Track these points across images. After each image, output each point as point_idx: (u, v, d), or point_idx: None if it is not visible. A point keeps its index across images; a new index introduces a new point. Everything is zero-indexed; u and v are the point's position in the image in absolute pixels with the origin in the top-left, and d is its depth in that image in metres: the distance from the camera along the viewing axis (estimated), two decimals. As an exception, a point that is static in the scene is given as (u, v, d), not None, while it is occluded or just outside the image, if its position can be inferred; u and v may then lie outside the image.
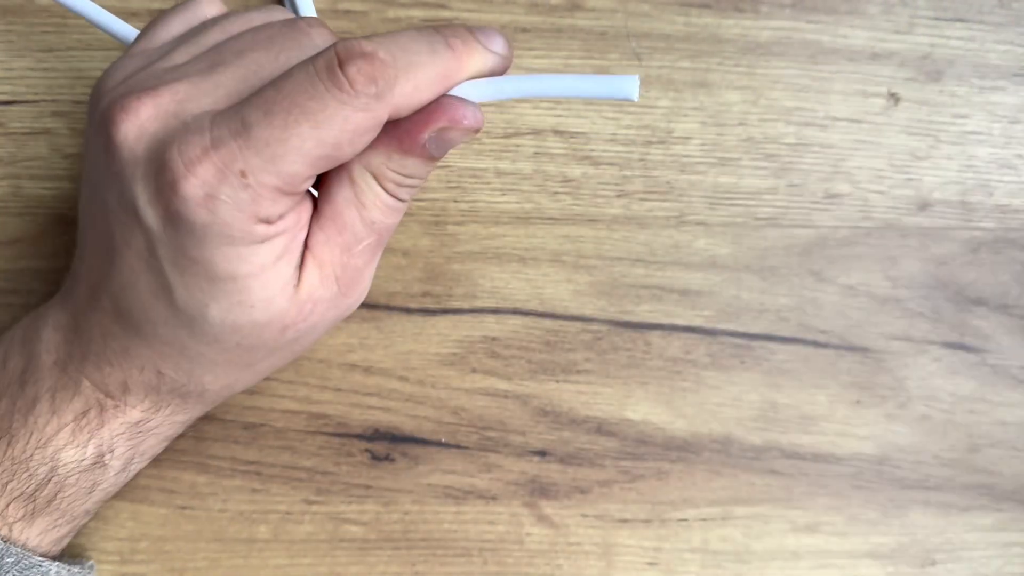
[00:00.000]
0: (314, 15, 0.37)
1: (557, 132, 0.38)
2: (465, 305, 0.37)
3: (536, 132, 0.38)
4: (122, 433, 0.31)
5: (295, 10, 0.37)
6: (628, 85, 0.27)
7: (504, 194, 0.38)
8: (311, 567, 0.36)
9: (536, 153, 0.38)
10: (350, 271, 0.30)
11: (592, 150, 0.38)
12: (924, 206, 0.38)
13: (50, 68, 0.38)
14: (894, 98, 0.38)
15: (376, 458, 0.37)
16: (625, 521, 0.37)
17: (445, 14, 0.38)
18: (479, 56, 0.28)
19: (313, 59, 0.26)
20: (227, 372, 0.31)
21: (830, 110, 0.38)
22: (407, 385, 0.37)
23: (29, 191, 0.37)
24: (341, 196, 0.29)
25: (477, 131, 0.29)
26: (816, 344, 0.38)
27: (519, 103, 0.38)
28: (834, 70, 0.38)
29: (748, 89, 0.38)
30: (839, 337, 0.38)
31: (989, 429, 0.37)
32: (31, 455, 0.30)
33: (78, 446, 0.31)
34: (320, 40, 0.29)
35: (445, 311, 0.37)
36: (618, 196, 0.38)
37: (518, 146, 0.38)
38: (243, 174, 0.26)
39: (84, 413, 0.31)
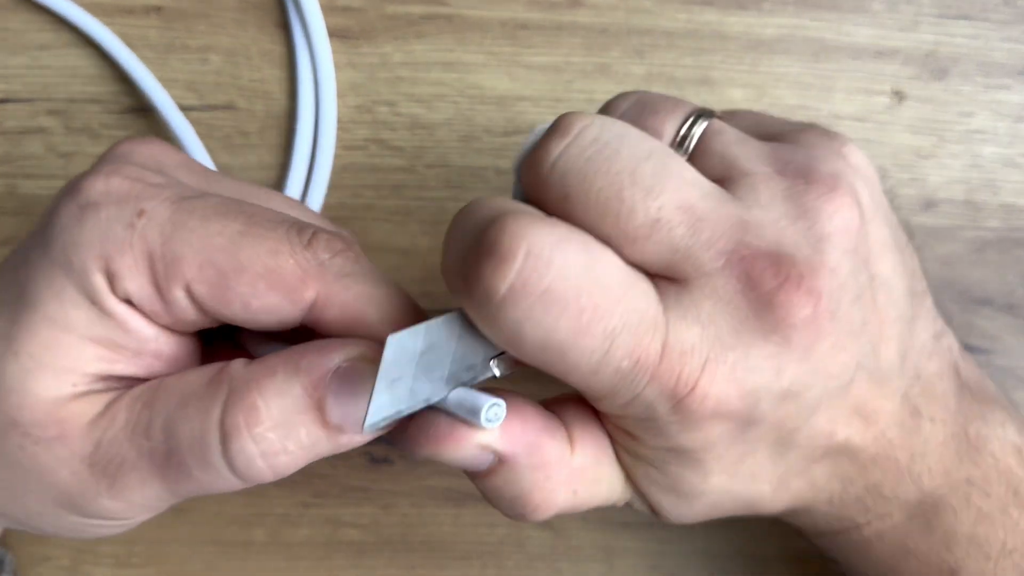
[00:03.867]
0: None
1: (558, 130, 0.38)
2: (465, 305, 0.37)
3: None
4: None
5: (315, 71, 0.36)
6: (487, 411, 0.22)
7: (504, 194, 0.37)
8: (309, 570, 0.36)
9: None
10: (115, 451, 0.23)
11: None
12: (929, 205, 0.38)
13: (45, 66, 0.37)
14: (898, 96, 0.38)
15: (374, 460, 0.37)
16: (627, 524, 0.37)
17: (444, 10, 0.38)
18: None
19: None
20: None
21: (834, 108, 0.38)
22: (406, 386, 0.37)
23: (24, 190, 0.37)
24: (185, 379, 0.24)
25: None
26: (820, 345, 0.37)
27: (519, 100, 0.38)
28: (838, 68, 0.38)
29: (751, 87, 0.38)
30: (843, 338, 0.37)
31: (995, 431, 0.37)
32: None
33: None
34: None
35: (444, 311, 0.37)
36: (619, 195, 0.38)
37: (518, 144, 0.38)
38: (141, 213, 0.23)
39: None
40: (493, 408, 0.22)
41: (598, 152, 0.22)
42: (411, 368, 0.22)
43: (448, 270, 0.23)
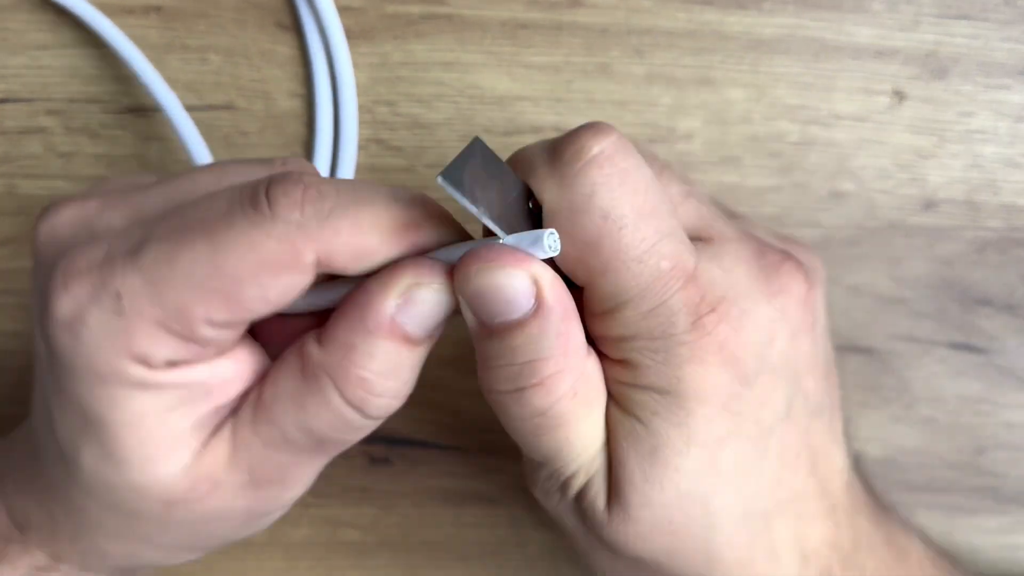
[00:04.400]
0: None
1: (559, 130, 0.38)
2: (465, 305, 0.37)
3: (537, 130, 0.38)
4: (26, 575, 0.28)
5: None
6: (548, 238, 0.23)
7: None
8: (308, 570, 0.36)
9: (536, 151, 0.38)
10: (270, 465, 0.25)
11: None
12: (929, 205, 0.38)
13: (45, 66, 0.37)
14: (899, 96, 0.38)
15: (374, 461, 0.37)
16: (627, 524, 0.37)
17: (443, 10, 0.37)
18: (449, 222, 0.24)
19: (242, 185, 0.23)
20: (120, 537, 0.26)
21: (834, 108, 0.38)
22: (406, 386, 0.37)
23: (23, 190, 0.37)
24: (282, 385, 0.24)
25: (456, 301, 0.24)
26: (820, 345, 0.37)
27: (519, 100, 0.37)
28: (838, 68, 0.38)
29: (751, 87, 0.38)
30: (844, 338, 0.37)
31: (995, 431, 0.37)
32: None
33: None
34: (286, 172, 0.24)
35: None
36: (619, 195, 0.38)
37: (518, 144, 0.37)
38: (118, 295, 0.22)
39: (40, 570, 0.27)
40: (552, 236, 0.23)
41: (631, 152, 0.25)
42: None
43: (524, 157, 0.25)
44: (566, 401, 0.24)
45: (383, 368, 0.23)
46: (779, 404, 0.26)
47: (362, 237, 0.23)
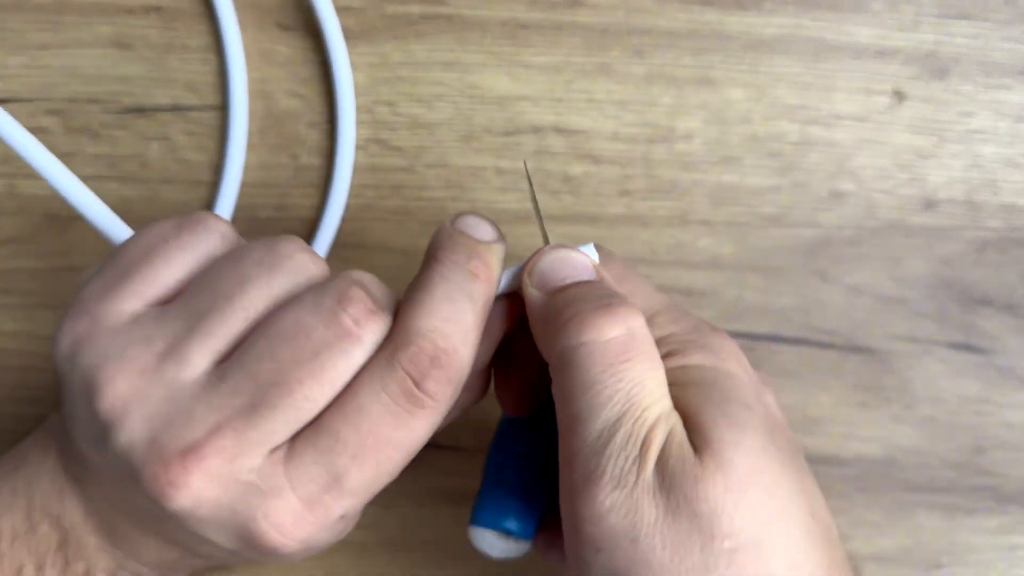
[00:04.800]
0: None
1: (558, 130, 0.38)
2: (465, 305, 0.37)
3: (537, 130, 0.38)
4: None
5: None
6: (588, 252, 0.29)
7: (504, 193, 0.37)
8: (308, 570, 0.36)
9: (537, 151, 0.38)
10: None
11: (593, 148, 0.38)
12: (929, 205, 0.38)
13: (45, 66, 0.37)
14: (899, 96, 0.38)
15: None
16: (627, 524, 0.37)
17: (443, 10, 0.37)
18: (495, 260, 0.28)
19: (383, 385, 0.25)
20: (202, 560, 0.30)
21: (834, 108, 0.38)
22: (406, 386, 0.37)
23: (24, 190, 0.37)
24: None
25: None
26: (820, 345, 0.37)
27: (519, 100, 0.37)
28: (838, 68, 0.38)
29: (751, 87, 0.38)
30: (844, 338, 0.37)
31: (995, 431, 0.37)
32: None
33: None
34: (370, 338, 0.26)
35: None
36: (620, 195, 0.38)
37: (518, 144, 0.38)
38: (343, 518, 0.27)
39: None
40: (591, 247, 0.29)
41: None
42: None
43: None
44: (639, 333, 0.26)
45: (482, 385, 0.30)
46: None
47: (476, 346, 0.27)
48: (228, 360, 0.26)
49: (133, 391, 0.25)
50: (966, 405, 0.37)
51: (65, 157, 0.37)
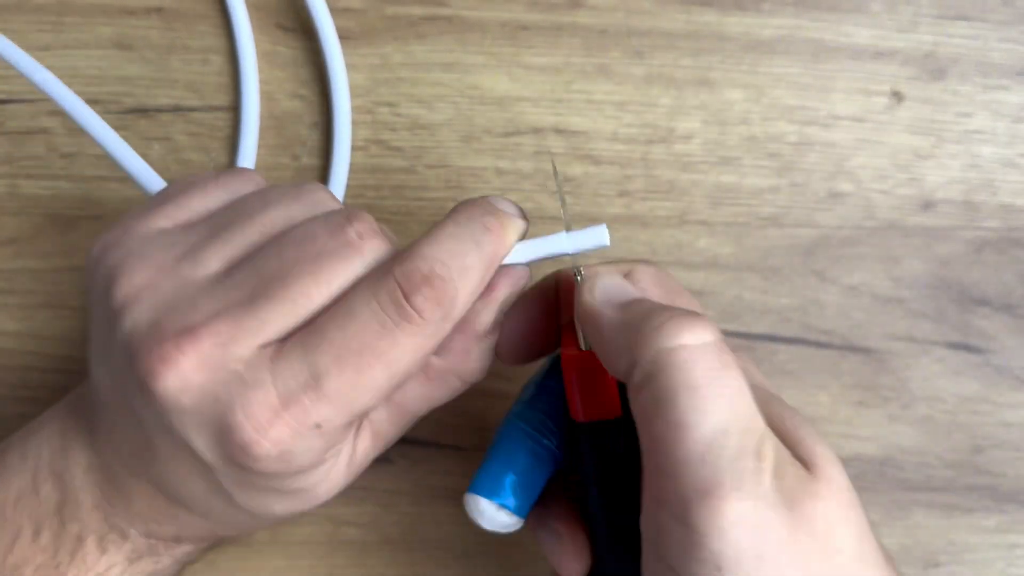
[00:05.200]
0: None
1: (558, 131, 0.38)
2: (465, 305, 0.37)
3: (536, 130, 0.38)
4: (171, 563, 0.32)
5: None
6: (600, 233, 0.29)
7: (504, 193, 0.38)
8: (309, 569, 0.36)
9: (536, 152, 0.38)
10: (393, 437, 0.30)
11: (593, 149, 0.38)
12: (927, 205, 0.38)
13: (47, 66, 0.37)
14: (897, 97, 0.38)
15: (375, 459, 0.37)
16: (626, 523, 0.37)
17: (444, 11, 0.38)
18: (512, 227, 0.28)
19: (375, 292, 0.26)
20: (213, 524, 0.31)
21: (833, 109, 0.38)
22: (406, 386, 0.37)
23: (26, 190, 0.37)
24: (412, 389, 0.29)
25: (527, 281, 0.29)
26: (818, 344, 0.37)
27: (519, 100, 0.38)
28: (837, 68, 0.38)
29: (750, 87, 0.38)
30: (841, 337, 0.37)
31: (992, 430, 0.37)
32: None
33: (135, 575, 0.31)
34: (371, 254, 0.27)
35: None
36: (619, 195, 0.38)
37: (518, 144, 0.38)
38: (318, 427, 0.26)
39: (137, 555, 0.30)
40: (603, 229, 0.29)
41: None
42: None
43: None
44: (725, 342, 0.25)
45: (483, 357, 0.29)
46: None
47: (476, 291, 0.28)
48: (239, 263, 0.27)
49: (147, 282, 0.27)
50: (964, 405, 0.37)
51: (67, 158, 0.37)
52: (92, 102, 0.37)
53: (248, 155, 0.37)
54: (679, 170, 0.38)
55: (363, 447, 0.29)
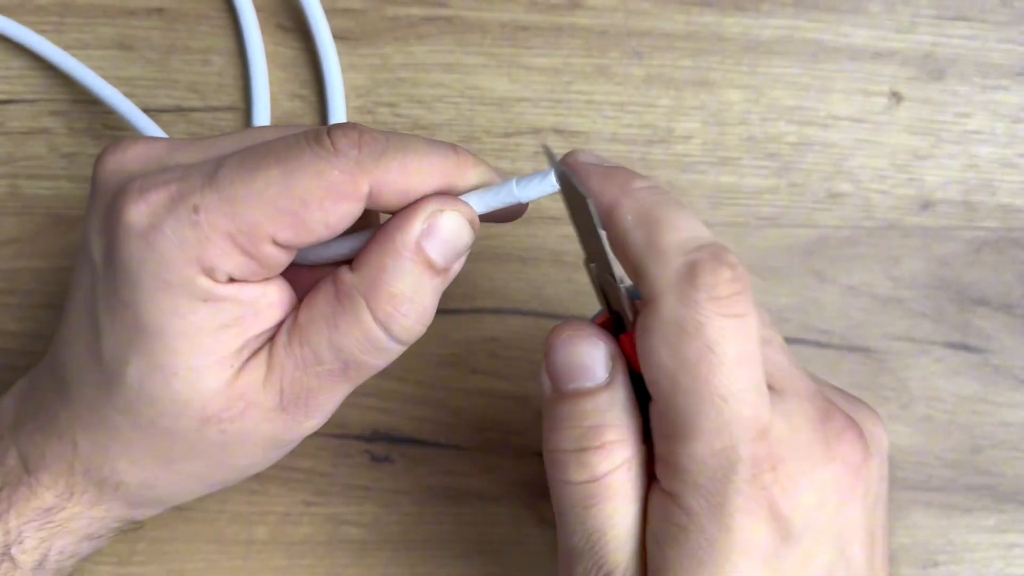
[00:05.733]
0: None
1: (558, 131, 0.38)
2: (465, 305, 0.37)
3: (536, 131, 0.38)
4: (31, 521, 0.29)
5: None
6: (548, 180, 0.26)
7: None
8: (310, 568, 0.36)
9: (536, 152, 0.38)
10: (299, 388, 0.27)
11: (592, 149, 0.38)
12: (926, 206, 0.38)
13: (48, 67, 0.38)
14: (896, 97, 0.38)
15: (375, 459, 0.37)
16: (626, 522, 0.37)
17: (444, 12, 0.38)
18: (483, 168, 0.27)
19: (307, 132, 0.26)
20: (143, 462, 0.28)
21: (832, 109, 0.38)
22: (406, 386, 0.37)
23: (26, 190, 0.37)
24: (317, 308, 0.27)
25: (475, 227, 0.27)
26: (818, 344, 0.37)
27: (519, 101, 0.38)
28: (836, 69, 0.38)
29: (749, 88, 0.38)
30: (841, 337, 0.37)
31: (992, 430, 0.37)
32: None
33: None
34: (342, 150, 0.26)
35: (445, 311, 0.37)
36: (619, 195, 0.38)
37: (518, 145, 0.38)
38: (195, 209, 0.24)
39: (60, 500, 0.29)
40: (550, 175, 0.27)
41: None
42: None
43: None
44: (622, 472, 0.26)
45: (409, 288, 0.26)
46: (820, 567, 0.26)
47: (408, 177, 0.26)
48: None
49: (139, 166, 0.27)
50: (963, 404, 0.37)
51: (68, 158, 0.37)
52: (93, 102, 0.37)
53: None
54: (678, 170, 0.38)
55: (252, 375, 0.27)
